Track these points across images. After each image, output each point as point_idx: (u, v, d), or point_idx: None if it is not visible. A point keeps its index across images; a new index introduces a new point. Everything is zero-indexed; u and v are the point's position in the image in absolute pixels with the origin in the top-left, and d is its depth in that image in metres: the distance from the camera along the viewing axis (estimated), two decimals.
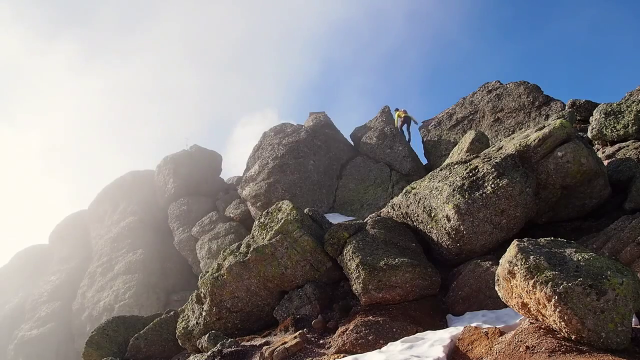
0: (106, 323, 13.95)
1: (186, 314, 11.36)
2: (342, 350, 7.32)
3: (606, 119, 12.67)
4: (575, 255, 5.57)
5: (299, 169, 20.75)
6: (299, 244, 9.91)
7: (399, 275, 8.43)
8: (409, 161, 20.08)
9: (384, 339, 7.28)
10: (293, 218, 10.32)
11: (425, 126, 21.84)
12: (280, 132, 23.75)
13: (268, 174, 20.79)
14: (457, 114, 20.63)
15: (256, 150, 23.78)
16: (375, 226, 10.14)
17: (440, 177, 10.05)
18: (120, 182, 30.74)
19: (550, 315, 5.19)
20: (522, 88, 18.86)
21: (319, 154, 21.71)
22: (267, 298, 10.22)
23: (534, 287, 5.24)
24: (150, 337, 12.43)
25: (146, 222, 26.82)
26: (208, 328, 10.34)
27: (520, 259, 5.45)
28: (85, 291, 25.77)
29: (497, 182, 8.85)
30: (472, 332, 6.43)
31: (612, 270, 5.25)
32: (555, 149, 9.27)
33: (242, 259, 10.17)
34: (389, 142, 21.14)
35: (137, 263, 24.45)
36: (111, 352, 12.91)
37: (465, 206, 8.89)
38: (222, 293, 10.29)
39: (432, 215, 9.65)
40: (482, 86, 20.65)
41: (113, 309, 22.81)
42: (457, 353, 6.22)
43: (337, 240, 9.70)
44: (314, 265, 9.91)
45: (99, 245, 28.16)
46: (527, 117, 18.26)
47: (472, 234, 8.93)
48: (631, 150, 11.31)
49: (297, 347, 7.67)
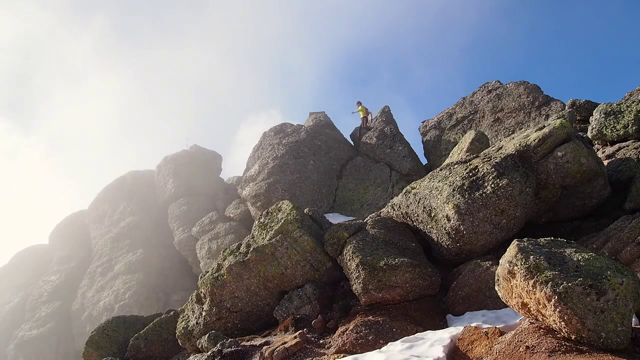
0: (106, 323, 13.94)
1: (186, 314, 11.36)
2: (342, 350, 7.32)
3: (606, 119, 12.67)
4: (575, 255, 5.56)
5: (299, 169, 20.75)
6: (299, 244, 9.91)
7: (399, 275, 8.43)
8: (409, 161, 20.08)
9: (384, 339, 7.28)
10: (293, 218, 10.31)
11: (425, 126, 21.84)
12: (280, 132, 23.76)
13: (268, 174, 20.79)
14: (457, 113, 20.64)
15: (256, 150, 23.79)
16: (375, 226, 10.14)
17: (440, 177, 10.04)
18: (120, 182, 30.76)
19: (550, 315, 5.18)
20: (522, 88, 18.87)
21: (319, 154, 21.71)
22: (267, 298, 10.21)
23: (534, 287, 5.24)
24: (150, 337, 12.42)
25: (146, 222, 26.83)
26: (208, 328, 10.34)
27: (520, 259, 5.44)
28: (85, 291, 25.78)
29: (497, 182, 8.85)
30: (472, 332, 6.42)
31: (612, 270, 5.25)
32: (555, 149, 9.27)
33: (242, 259, 10.17)
34: (389, 142, 21.14)
35: (137, 263, 24.46)
36: (111, 352, 12.90)
37: (465, 206, 8.89)
38: (222, 293, 10.29)
39: (432, 215, 9.65)
40: (482, 86, 20.66)
41: (113, 309, 22.82)
42: (457, 353, 6.21)
43: (337, 240, 9.70)
44: (314, 265, 9.91)
45: (99, 245, 28.16)
46: (527, 117, 18.26)
47: (472, 234, 8.92)
48: (631, 150, 11.31)
49: (297, 347, 7.67)
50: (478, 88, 20.71)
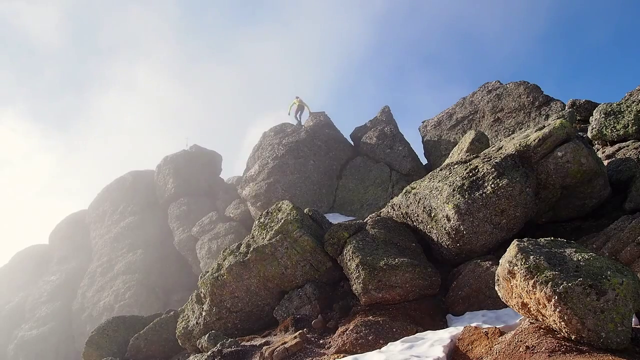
0: (106, 323, 13.94)
1: (186, 314, 11.36)
2: (342, 350, 7.32)
3: (606, 119, 12.66)
4: (575, 255, 5.56)
5: (299, 169, 20.74)
6: (299, 244, 9.91)
7: (399, 275, 8.44)
8: (409, 161, 20.07)
9: (384, 339, 7.28)
10: (293, 218, 10.31)
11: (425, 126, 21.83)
12: (280, 132, 23.76)
13: (268, 174, 20.79)
14: (457, 114, 20.63)
15: (256, 150, 23.79)
16: (375, 226, 10.14)
17: (440, 177, 10.04)
18: (120, 182, 30.72)
19: (550, 315, 5.18)
20: (522, 88, 18.85)
21: (319, 154, 21.70)
22: (267, 298, 10.21)
23: (534, 287, 5.24)
24: (150, 337, 12.43)
25: (146, 222, 26.80)
26: (208, 328, 10.34)
27: (520, 259, 5.45)
28: (85, 291, 25.76)
29: (497, 182, 8.85)
30: (472, 332, 6.42)
31: (612, 270, 5.25)
32: (555, 149, 9.27)
33: (242, 259, 10.17)
34: (389, 142, 21.13)
35: (137, 263, 24.44)
36: (111, 352, 12.91)
37: (465, 206, 8.89)
38: (222, 293, 10.29)
39: (432, 215, 9.65)
40: (482, 86, 20.64)
41: (113, 309, 22.80)
42: (457, 353, 6.21)
43: (337, 240, 9.70)
44: (314, 265, 9.91)
45: (99, 245, 28.15)
46: (527, 117, 18.25)
47: (472, 234, 8.93)
48: (631, 150, 11.30)
49: (297, 347, 7.67)
50: (478, 88, 20.69)
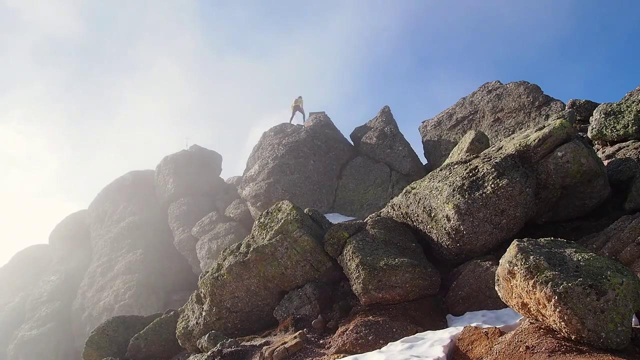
0: (106, 323, 13.94)
1: (186, 314, 11.36)
2: (342, 350, 7.32)
3: (606, 119, 12.66)
4: (575, 255, 5.56)
5: (299, 169, 20.75)
6: (298, 244, 9.91)
7: (399, 275, 8.44)
8: (409, 161, 20.08)
9: (384, 339, 7.28)
10: (293, 218, 10.31)
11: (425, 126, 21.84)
12: (280, 132, 23.76)
13: (268, 174, 20.79)
14: (457, 114, 20.62)
15: (256, 150, 23.79)
16: (375, 226, 10.14)
17: (440, 177, 10.04)
18: (120, 182, 30.72)
19: (550, 315, 5.18)
20: (522, 88, 18.85)
21: (319, 154, 21.70)
22: (267, 298, 10.21)
23: (534, 287, 5.24)
24: (150, 337, 12.42)
25: (146, 222, 26.80)
26: (208, 328, 10.34)
27: (520, 259, 5.44)
28: (85, 291, 25.77)
29: (497, 182, 8.85)
30: (472, 332, 6.42)
31: (612, 270, 5.25)
32: (555, 149, 9.27)
33: (242, 259, 10.17)
34: (389, 142, 21.14)
35: (137, 263, 24.44)
36: (111, 352, 12.90)
37: (465, 206, 8.89)
38: (222, 293, 10.29)
39: (432, 215, 9.65)
40: (482, 86, 20.64)
41: (113, 309, 22.81)
42: (457, 353, 6.21)
43: (337, 240, 9.70)
44: (314, 265, 9.91)
45: (99, 245, 28.15)
46: (527, 117, 18.25)
47: (472, 234, 8.92)
48: (631, 150, 11.30)
49: (297, 347, 7.67)
50: (478, 88, 20.68)
